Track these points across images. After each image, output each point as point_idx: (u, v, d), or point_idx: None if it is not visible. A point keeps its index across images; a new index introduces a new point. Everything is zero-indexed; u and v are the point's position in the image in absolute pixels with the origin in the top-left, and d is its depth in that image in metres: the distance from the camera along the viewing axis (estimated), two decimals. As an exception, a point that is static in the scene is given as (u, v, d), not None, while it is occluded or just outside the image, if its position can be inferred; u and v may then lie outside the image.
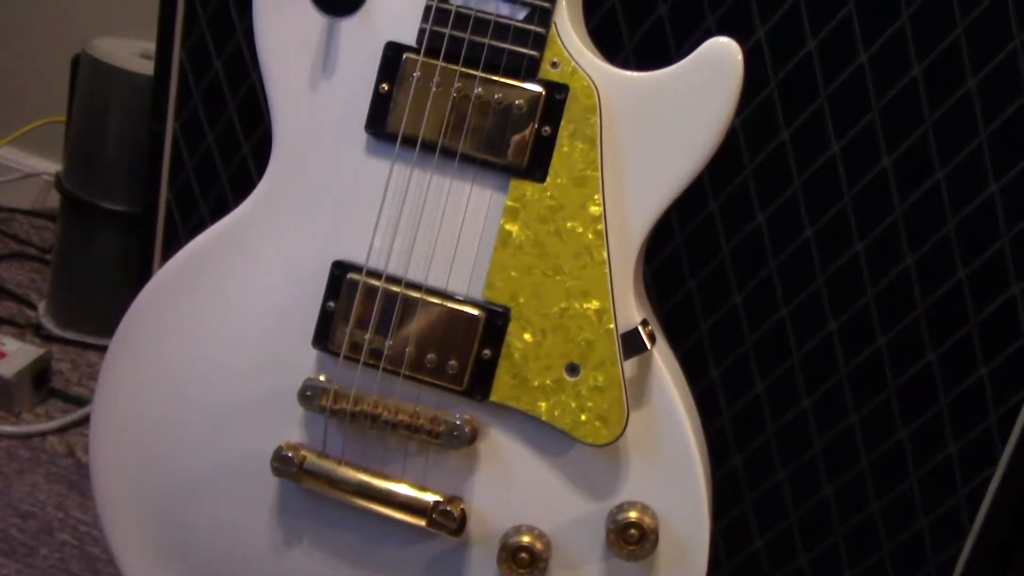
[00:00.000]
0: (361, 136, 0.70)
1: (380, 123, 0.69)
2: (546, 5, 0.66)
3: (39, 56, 1.55)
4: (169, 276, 0.75)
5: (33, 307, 1.37)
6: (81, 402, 1.22)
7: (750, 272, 0.95)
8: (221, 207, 1.07)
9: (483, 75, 0.67)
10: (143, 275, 1.14)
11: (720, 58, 0.66)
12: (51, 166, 1.56)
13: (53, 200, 1.50)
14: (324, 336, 0.71)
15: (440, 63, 0.68)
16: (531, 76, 0.67)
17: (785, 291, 0.94)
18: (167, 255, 1.11)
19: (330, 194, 0.71)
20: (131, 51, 1.29)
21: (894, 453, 0.96)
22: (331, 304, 0.71)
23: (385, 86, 0.69)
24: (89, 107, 1.29)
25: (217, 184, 1.06)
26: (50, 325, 1.34)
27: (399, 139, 0.69)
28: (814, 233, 0.92)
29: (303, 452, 0.72)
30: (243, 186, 1.05)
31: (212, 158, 1.06)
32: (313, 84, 0.71)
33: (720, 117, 0.66)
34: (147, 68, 1.24)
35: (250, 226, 0.73)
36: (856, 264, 0.92)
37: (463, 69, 0.67)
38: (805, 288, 0.94)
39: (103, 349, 1.33)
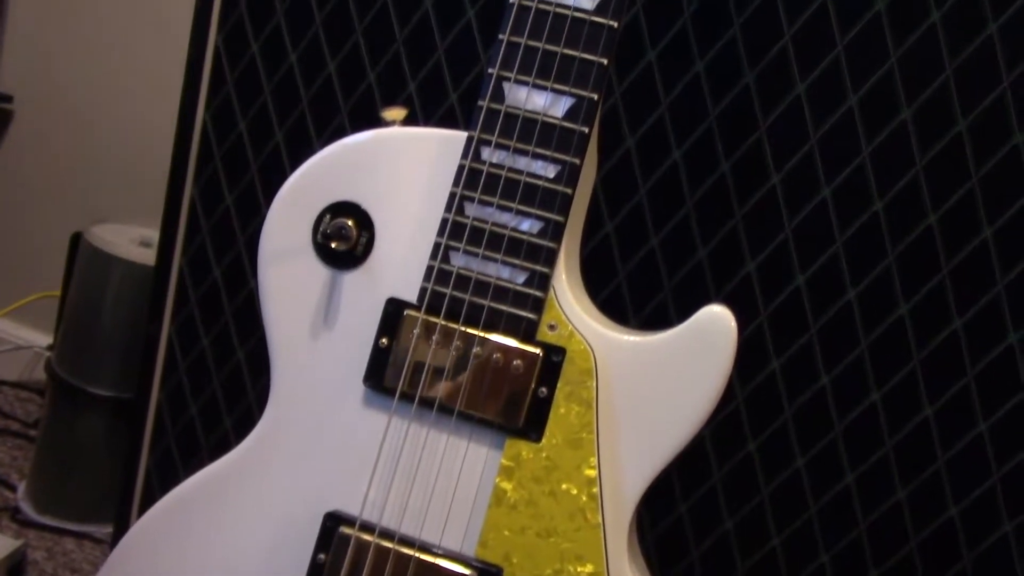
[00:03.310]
0: (359, 388, 0.70)
1: (378, 377, 0.70)
2: (545, 270, 0.68)
3: (37, 230, 1.57)
4: (164, 512, 0.75)
5: (12, 489, 1.35)
6: (55, 597, 1.19)
7: (742, 498, 0.95)
8: (212, 409, 1.07)
9: (482, 335, 0.68)
10: (130, 471, 1.12)
11: (714, 327, 0.67)
12: (41, 338, 1.56)
13: (41, 372, 1.49)
14: (313, 590, 0.70)
15: (440, 321, 0.69)
16: (529, 338, 0.68)
17: (777, 520, 0.94)
18: (155, 453, 1.10)
19: (326, 443, 0.71)
20: (130, 238, 1.31)
21: None
22: (321, 556, 0.70)
23: (385, 341, 0.70)
24: (85, 293, 1.30)
25: (209, 387, 1.07)
26: (28, 509, 1.31)
27: (397, 394, 0.69)
28: (805, 463, 0.93)
29: None
30: (235, 391, 1.06)
31: (205, 361, 1.06)
32: (314, 333, 0.72)
33: (714, 384, 0.67)
34: (145, 257, 1.25)
35: (246, 469, 0.73)
36: (848, 496, 0.92)
37: (463, 328, 0.69)
38: (798, 517, 0.93)
39: (81, 536, 1.31)
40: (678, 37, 0.90)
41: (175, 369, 1.08)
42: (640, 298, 0.94)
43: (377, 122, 0.73)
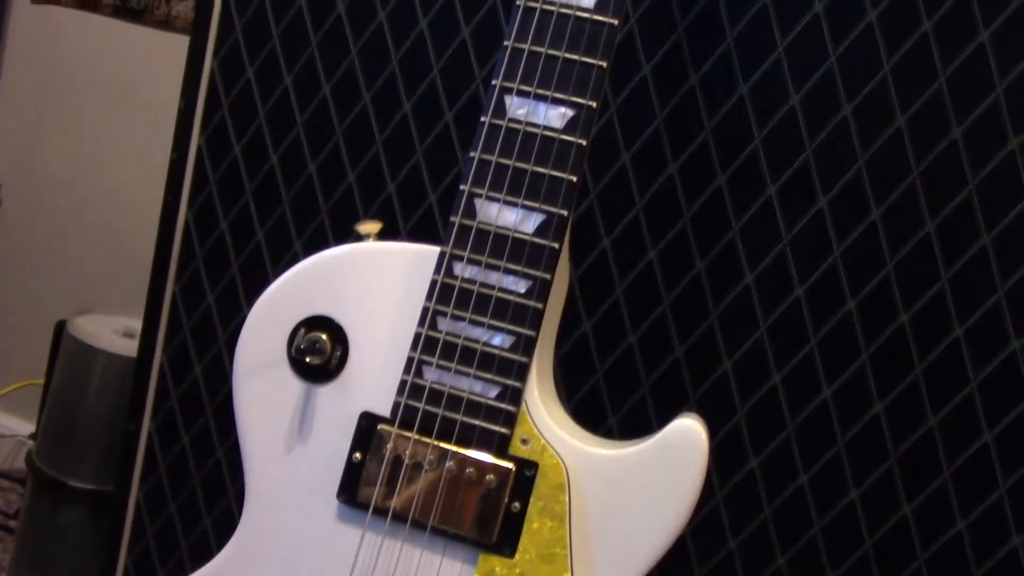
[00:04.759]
0: (333, 502, 0.70)
1: (352, 492, 0.70)
2: (517, 384, 0.68)
3: (23, 318, 1.58)
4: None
5: (-9, 583, 1.34)
6: None
7: (723, 597, 0.94)
8: (191, 507, 1.07)
9: (455, 449, 0.69)
10: (108, 569, 1.11)
11: (685, 441, 0.67)
12: (25, 426, 1.55)
13: (22, 460, 1.49)
14: None
15: (413, 435, 0.69)
16: (502, 452, 0.68)
17: (758, 620, 0.93)
18: (134, 551, 1.10)
19: (299, 557, 0.71)
20: (114, 329, 1.32)
21: None
22: (295, 675, 0.69)
23: (358, 455, 0.70)
24: (67, 384, 1.30)
25: (189, 485, 1.06)
26: (7, 604, 1.30)
27: (370, 508, 0.69)
28: (786, 561, 0.92)
29: None
30: (215, 489, 1.05)
31: (186, 459, 1.06)
32: (288, 446, 0.72)
33: (686, 498, 0.67)
34: (128, 349, 1.26)
35: (218, 582, 0.73)
36: (828, 595, 0.92)
37: (435, 442, 0.69)
38: (778, 617, 0.93)
39: (60, 635, 1.29)
40: (651, 140, 0.92)
41: (155, 467, 1.07)
42: (618, 396, 0.94)
43: (356, 220, 0.74)
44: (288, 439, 0.72)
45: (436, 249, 0.70)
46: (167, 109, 1.10)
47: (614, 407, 0.95)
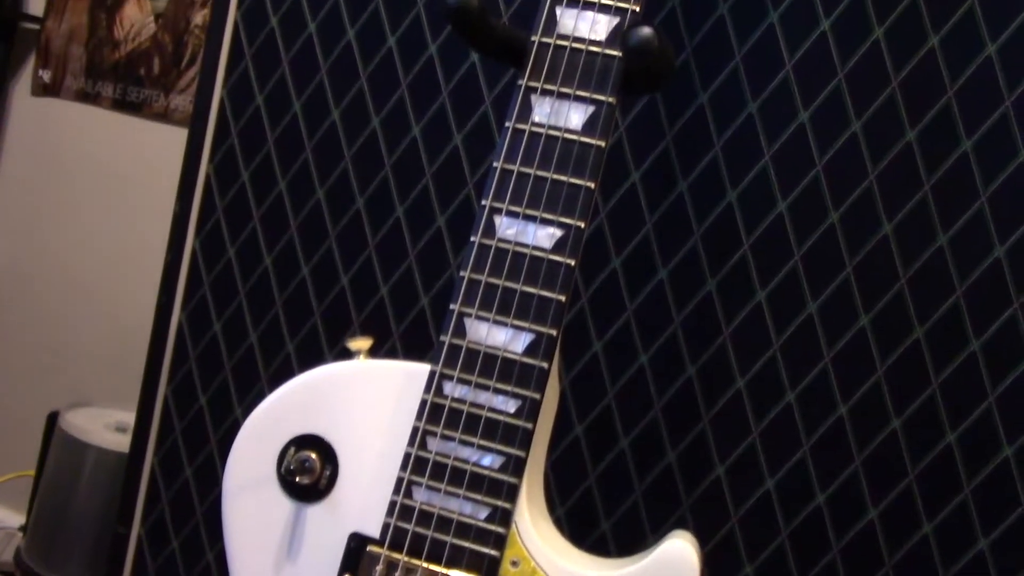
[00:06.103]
0: (322, 625, 0.70)
1: (341, 614, 0.69)
2: (507, 506, 0.68)
3: (16, 407, 1.57)
4: None
5: None
6: None
7: None
8: (181, 613, 1.06)
9: (444, 571, 0.68)
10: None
11: (677, 562, 0.67)
12: (16, 518, 1.54)
13: (11, 552, 1.47)
14: None
15: (403, 558, 0.69)
16: (492, 575, 0.68)
17: None
18: (121, 655, 1.08)
19: None
20: (106, 423, 1.31)
21: None
22: None
23: (347, 577, 0.69)
24: (58, 478, 1.30)
25: (178, 590, 1.05)
26: None
27: (360, 633, 0.69)
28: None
29: None
30: (204, 594, 1.04)
31: (175, 563, 1.05)
32: (277, 566, 0.71)
33: (679, 621, 0.66)
34: (120, 444, 1.25)
35: None
36: None
37: (425, 564, 0.68)
38: None
39: None
40: (641, 246, 0.93)
41: (144, 570, 1.06)
42: (611, 501, 0.94)
43: (349, 322, 0.75)
44: (277, 558, 0.71)
45: (426, 368, 0.70)
46: (164, 200, 1.11)
47: (607, 512, 0.94)
